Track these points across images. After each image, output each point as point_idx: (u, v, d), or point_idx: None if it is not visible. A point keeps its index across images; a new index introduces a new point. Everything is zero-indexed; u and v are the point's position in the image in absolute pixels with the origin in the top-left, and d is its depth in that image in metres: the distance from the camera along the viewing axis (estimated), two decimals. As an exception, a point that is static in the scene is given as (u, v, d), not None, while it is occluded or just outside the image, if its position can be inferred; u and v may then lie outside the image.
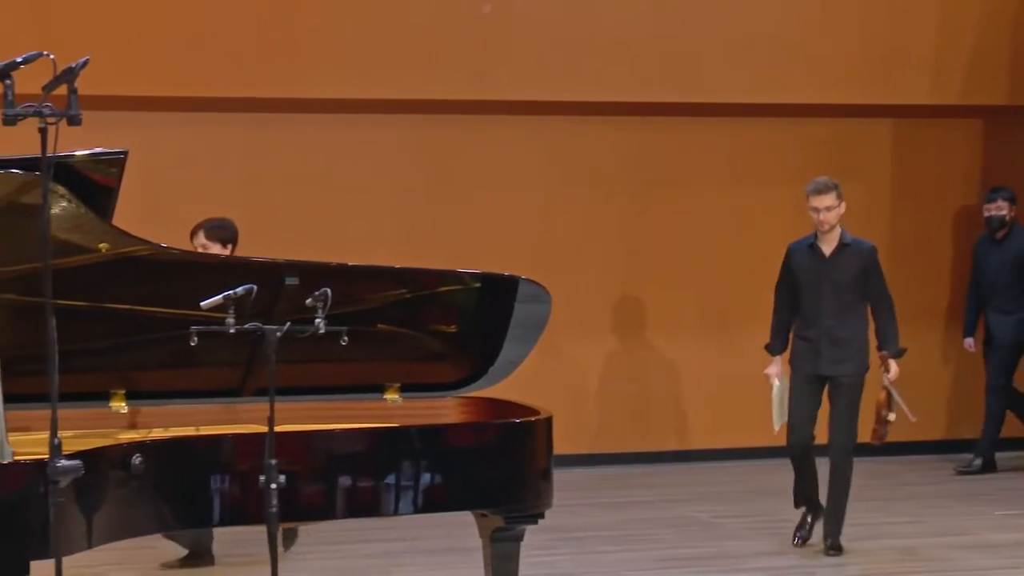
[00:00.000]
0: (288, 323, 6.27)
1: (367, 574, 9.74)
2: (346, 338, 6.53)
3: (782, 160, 13.97)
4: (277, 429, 6.20)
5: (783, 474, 10.29)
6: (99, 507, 6.24)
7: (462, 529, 7.40)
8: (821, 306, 9.91)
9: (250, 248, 7.16)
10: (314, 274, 6.78)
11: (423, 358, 7.59)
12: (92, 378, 7.05)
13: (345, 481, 6.87)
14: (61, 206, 6.41)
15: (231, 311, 6.20)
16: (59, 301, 5.29)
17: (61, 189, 6.37)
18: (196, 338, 6.33)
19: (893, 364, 9.85)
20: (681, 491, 12.77)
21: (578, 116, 13.69)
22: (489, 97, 13.23)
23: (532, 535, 7.33)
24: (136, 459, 6.42)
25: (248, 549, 8.57)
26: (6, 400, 6.03)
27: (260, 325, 6.22)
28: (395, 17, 13.00)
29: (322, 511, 6.88)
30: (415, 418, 7.38)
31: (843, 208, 9.85)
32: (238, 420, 7.17)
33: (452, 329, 7.58)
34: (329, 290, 6.36)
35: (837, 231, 9.90)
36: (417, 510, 7.00)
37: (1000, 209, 13.08)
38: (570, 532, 10.33)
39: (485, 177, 13.57)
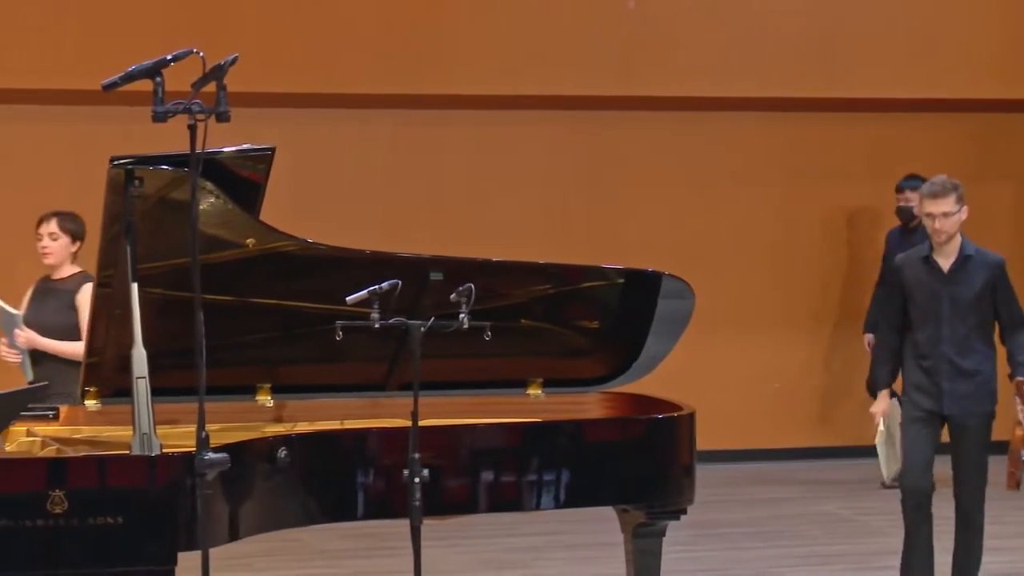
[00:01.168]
0: (432, 318, 6.29)
1: (511, 567, 9.78)
2: (489, 333, 6.54)
3: (927, 156, 13.80)
4: (421, 423, 6.21)
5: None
6: (245, 500, 6.30)
7: (604, 524, 7.38)
8: (940, 331, 8.26)
9: (395, 243, 7.18)
10: (458, 269, 6.79)
11: (566, 353, 7.57)
12: (238, 372, 7.10)
13: (488, 476, 6.89)
14: (209, 202, 6.47)
15: (376, 306, 6.22)
16: (207, 296, 5.32)
17: (209, 185, 6.43)
18: (341, 333, 6.36)
19: None
20: (825, 488, 12.69)
21: (727, 112, 13.65)
22: (636, 93, 13.23)
23: (675, 530, 7.30)
24: (282, 452, 6.47)
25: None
26: (154, 393, 6.11)
27: (405, 320, 6.23)
28: (542, 14, 13.02)
29: (465, 505, 6.90)
30: (557, 413, 7.38)
31: (965, 214, 8.18)
32: (382, 414, 7.19)
33: (595, 324, 7.56)
34: (473, 285, 6.36)
35: (957, 241, 8.25)
36: (559, 505, 6.99)
37: (910, 200, 12.23)
38: (714, 528, 10.30)
39: (632, 173, 13.56)
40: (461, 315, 6.34)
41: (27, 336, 8.64)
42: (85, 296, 8.26)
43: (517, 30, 12.97)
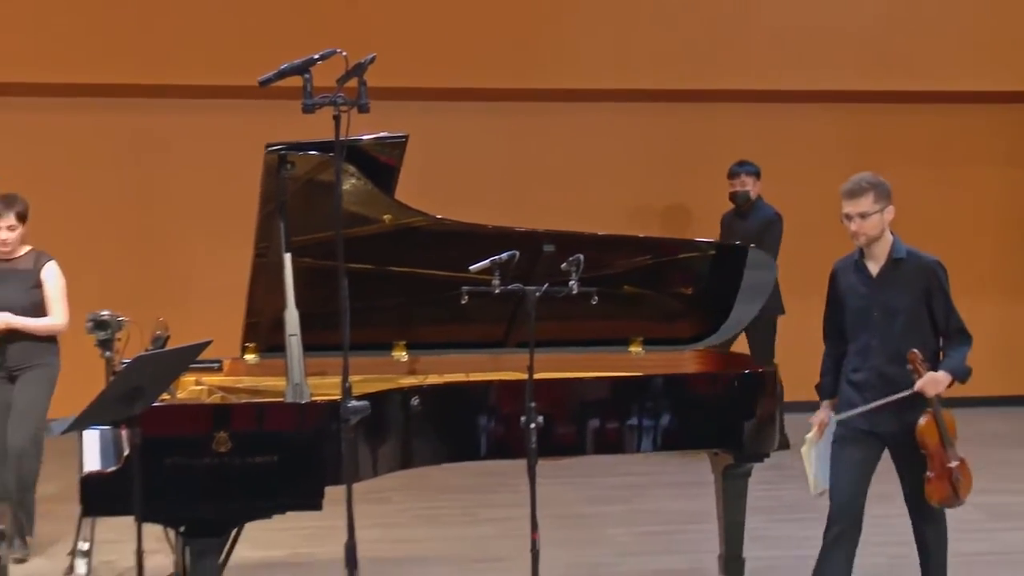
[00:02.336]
0: (545, 285, 6.32)
1: (614, 503, 9.79)
2: (596, 298, 6.55)
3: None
4: (535, 376, 6.26)
5: None
6: (383, 442, 6.38)
7: (697, 465, 7.40)
8: (871, 341, 6.76)
9: (512, 220, 7.22)
10: (569, 242, 6.80)
11: (663, 316, 7.58)
12: (377, 331, 7.18)
13: (594, 423, 6.91)
14: (351, 183, 6.55)
15: (496, 274, 6.26)
16: (350, 264, 5.38)
17: (351, 168, 6.51)
18: (466, 297, 6.40)
19: (929, 372, 6.57)
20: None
21: (822, 104, 13.61)
22: (717, 87, 13.20)
23: (760, 471, 7.33)
24: (415, 401, 6.55)
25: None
26: (304, 349, 6.19)
27: (521, 286, 6.26)
28: (645, 16, 13.03)
29: (573, 448, 6.92)
30: (656, 368, 7.38)
31: (889, 214, 6.70)
32: (502, 368, 7.24)
33: (689, 291, 7.56)
34: (582, 256, 6.39)
35: (887, 243, 6.76)
36: (657, 448, 7.01)
37: (744, 185, 11.83)
38: (794, 470, 10.24)
39: (719, 157, 13.52)
40: (571, 282, 6.36)
41: (4, 319, 8.06)
42: (48, 273, 8.21)
43: (623, 30, 12.96)
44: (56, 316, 8.12)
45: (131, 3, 12.32)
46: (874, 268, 6.77)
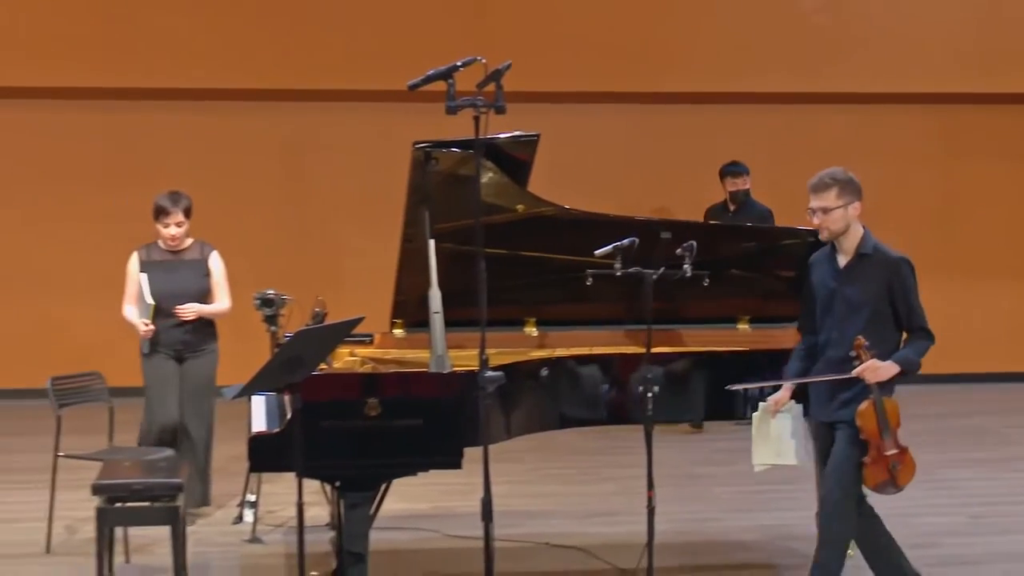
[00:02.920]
0: (662, 268, 6.31)
1: (719, 464, 9.75)
2: (707, 280, 6.53)
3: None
4: (653, 350, 6.26)
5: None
6: (515, 407, 6.39)
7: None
8: (831, 333, 6.26)
9: (631, 210, 7.22)
10: (683, 230, 6.76)
11: (768, 296, 7.52)
12: (510, 309, 7.19)
13: (703, 391, 6.89)
14: (489, 176, 6.57)
15: (618, 258, 6.26)
16: (487, 250, 5.40)
17: (488, 163, 6.54)
18: (591, 279, 6.42)
19: (872, 359, 6.02)
20: (974, 406, 12.51)
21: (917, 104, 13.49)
22: (819, 90, 13.10)
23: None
24: (544, 371, 6.56)
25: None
26: (446, 325, 6.21)
27: (640, 269, 6.26)
28: (746, 22, 12.95)
29: (687, 414, 6.92)
30: (762, 343, 7.34)
31: (855, 210, 6.21)
32: (621, 343, 7.23)
33: (790, 274, 7.48)
34: (695, 242, 6.37)
35: (855, 237, 6.25)
36: (761, 414, 6.99)
37: (745, 183, 11.39)
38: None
39: (818, 155, 13.39)
40: (685, 266, 6.35)
41: (195, 309, 7.93)
42: (214, 262, 8.11)
43: (732, 36, 12.90)
44: (223, 301, 8.12)
45: (294, 16, 12.46)
46: (843, 261, 6.30)
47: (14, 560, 7.45)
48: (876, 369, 6.03)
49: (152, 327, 7.85)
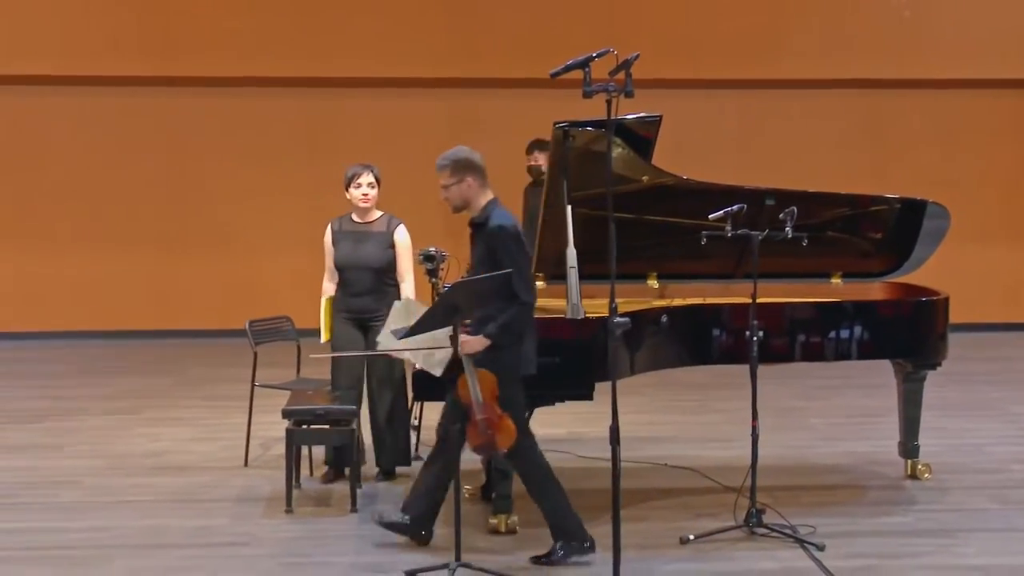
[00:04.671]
0: (766, 230, 6.23)
1: (816, 399, 9.64)
2: (806, 241, 6.43)
3: None
4: (758, 300, 6.19)
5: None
6: (639, 349, 6.38)
7: (880, 367, 7.24)
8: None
9: (740, 180, 7.11)
10: (785, 197, 6.68)
11: (858, 255, 7.39)
12: (635, 264, 7.16)
13: (802, 337, 6.81)
14: (618, 151, 6.52)
15: (728, 221, 6.19)
16: (616, 214, 5.35)
17: (618, 140, 6.50)
18: (705, 240, 6.35)
19: (466, 334, 5.76)
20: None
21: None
22: (909, 76, 12.83)
23: (932, 377, 7.18)
24: (663, 318, 6.53)
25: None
26: (581, 278, 6.20)
27: (748, 231, 6.20)
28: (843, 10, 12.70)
29: (786, 356, 6.81)
30: (852, 295, 7.23)
31: (467, 186, 5.90)
32: (731, 294, 7.14)
33: (879, 235, 7.36)
34: (795, 208, 6.27)
35: (477, 210, 5.96)
36: (850, 357, 6.89)
37: (537, 161, 9.99)
38: (959, 376, 9.95)
39: (905, 136, 13.16)
40: (786, 228, 6.25)
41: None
42: (400, 235, 7.37)
43: (837, 24, 12.69)
44: (408, 277, 7.39)
45: (465, 13, 12.58)
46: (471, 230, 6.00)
47: (219, 471, 7.60)
48: (469, 345, 5.73)
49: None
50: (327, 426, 6.83)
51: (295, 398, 7.05)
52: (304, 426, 6.83)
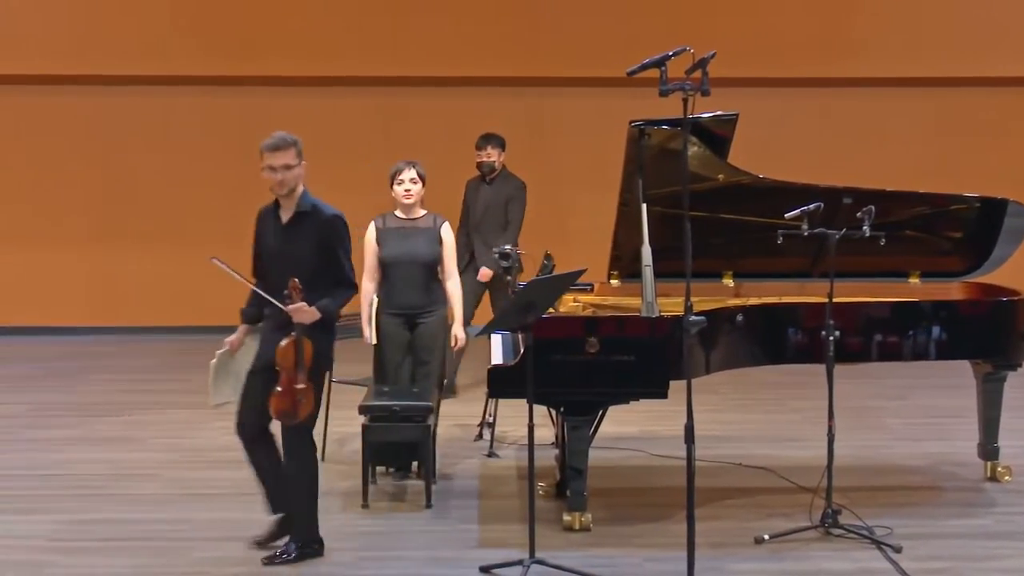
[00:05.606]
0: (844, 229, 6.17)
1: (892, 399, 9.53)
2: (883, 240, 6.36)
3: None
4: (835, 300, 6.13)
5: None
6: (714, 347, 6.33)
7: (959, 367, 7.12)
8: (278, 282, 5.74)
9: (817, 179, 7.03)
10: (863, 196, 6.60)
11: (937, 254, 7.29)
12: (710, 263, 7.11)
13: (879, 336, 6.72)
14: (693, 150, 6.49)
15: (805, 220, 6.14)
16: (691, 212, 5.32)
17: (694, 139, 6.47)
18: (781, 238, 6.29)
19: (302, 302, 5.65)
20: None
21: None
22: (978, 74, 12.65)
23: (1012, 377, 7.06)
24: (739, 317, 6.48)
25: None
26: (656, 276, 6.17)
27: (825, 230, 6.14)
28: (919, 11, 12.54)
29: (862, 355, 6.73)
30: (931, 295, 7.13)
31: (302, 170, 5.85)
32: (806, 293, 7.08)
33: (958, 235, 7.25)
34: (873, 207, 6.20)
35: (297, 195, 5.87)
36: (927, 357, 6.78)
37: (490, 156, 9.43)
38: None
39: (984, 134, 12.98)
40: (864, 227, 6.18)
41: (459, 338, 7.29)
42: (446, 232, 7.30)
43: (912, 24, 12.53)
44: (454, 274, 7.41)
45: (542, 13, 12.59)
46: (285, 217, 5.87)
47: (297, 465, 7.64)
48: (302, 310, 5.65)
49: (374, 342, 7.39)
50: (402, 422, 6.85)
51: (371, 394, 7.08)
52: (380, 422, 6.85)
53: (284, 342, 5.70)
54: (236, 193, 12.92)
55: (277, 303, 5.68)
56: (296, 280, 5.66)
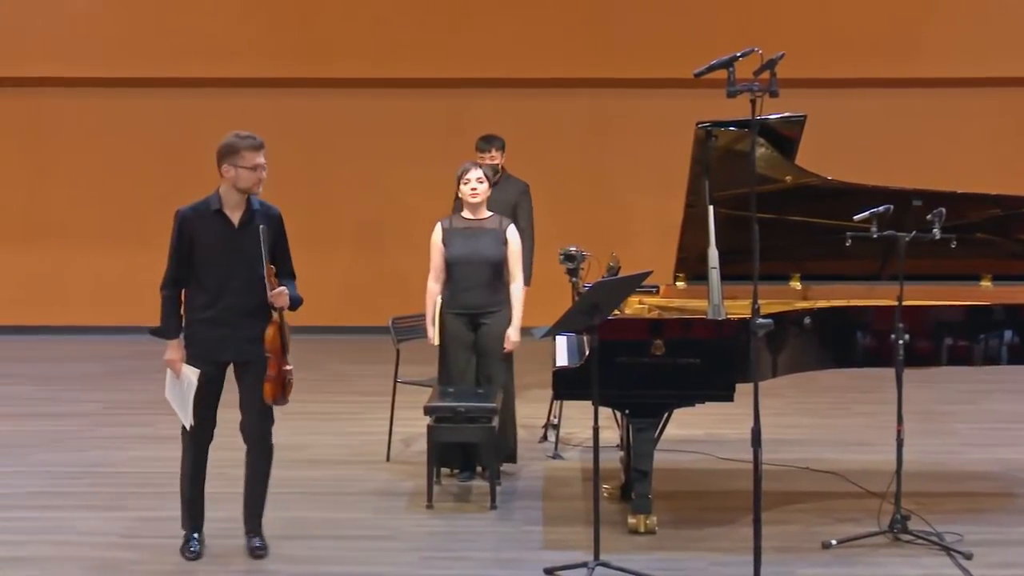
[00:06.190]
0: (913, 232, 6.10)
1: (961, 403, 9.41)
2: (954, 242, 6.28)
3: None
4: (904, 303, 6.05)
5: None
6: (781, 350, 6.29)
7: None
8: (231, 282, 5.82)
9: (885, 181, 6.95)
10: (933, 198, 6.51)
11: (1010, 256, 7.17)
12: (778, 265, 7.04)
13: (949, 340, 6.61)
14: (761, 151, 6.44)
15: (874, 222, 6.07)
16: (759, 214, 5.29)
17: (761, 140, 6.41)
18: (849, 241, 6.23)
19: (281, 287, 5.79)
20: None
21: None
22: None
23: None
24: (807, 320, 6.42)
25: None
26: (722, 279, 6.13)
27: (894, 232, 6.08)
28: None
29: (932, 359, 6.63)
30: (1003, 298, 7.01)
31: (227, 172, 5.85)
32: (875, 296, 6.98)
33: (1032, 236, 7.15)
34: (944, 209, 6.13)
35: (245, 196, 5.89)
36: (999, 362, 6.66)
37: (494, 158, 9.10)
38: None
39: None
40: (934, 229, 6.10)
41: (512, 339, 7.20)
42: (512, 234, 7.27)
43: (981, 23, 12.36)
44: (519, 277, 7.33)
45: (596, 7, 12.55)
46: (236, 216, 5.84)
47: (363, 465, 7.69)
48: (283, 294, 5.76)
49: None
50: (467, 423, 6.85)
51: (436, 395, 7.09)
52: (445, 423, 6.86)
53: (269, 329, 5.79)
54: (302, 193, 13.00)
55: (267, 289, 5.73)
56: (272, 267, 5.76)
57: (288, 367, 5.89)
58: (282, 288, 5.79)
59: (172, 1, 12.65)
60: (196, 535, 6.09)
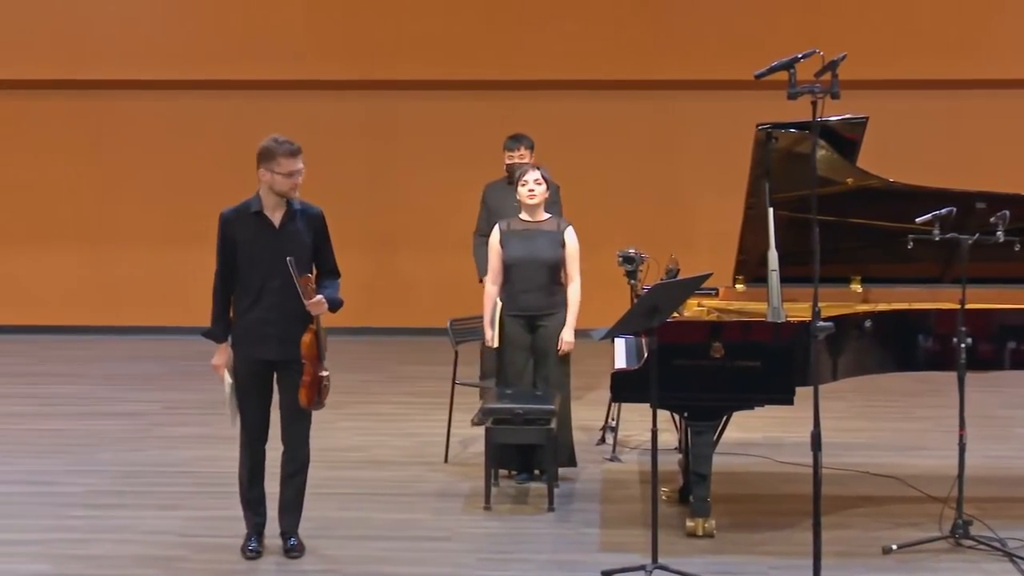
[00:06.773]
0: (976, 234, 6.04)
1: (1021, 404, 9.32)
2: (1018, 246, 6.20)
3: None
4: (967, 306, 5.99)
5: None
6: (841, 353, 6.24)
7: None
8: (271, 283, 5.88)
9: (954, 184, 6.88)
10: (996, 201, 6.44)
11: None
12: (839, 267, 6.97)
13: (1012, 344, 6.52)
14: (822, 153, 6.39)
15: (936, 224, 6.02)
16: (819, 217, 5.25)
17: (822, 142, 6.36)
18: (911, 243, 6.17)
19: (319, 296, 5.82)
20: None
21: None
22: None
23: None
24: (867, 323, 6.37)
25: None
26: (781, 280, 6.10)
27: (957, 235, 6.03)
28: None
29: (994, 364, 6.55)
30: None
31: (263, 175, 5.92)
32: (938, 299, 6.90)
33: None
34: (1008, 212, 6.06)
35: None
36: (1064, 367, 6.58)
37: (523, 157, 8.68)
38: None
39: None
40: (998, 232, 6.04)
41: (566, 342, 7.13)
42: (569, 236, 7.18)
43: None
44: (576, 278, 7.23)
45: (656, 8, 12.55)
46: (277, 218, 5.90)
47: (421, 466, 7.71)
48: (320, 303, 5.81)
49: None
50: (526, 425, 6.86)
51: (495, 396, 7.10)
52: (503, 424, 6.87)
53: (306, 336, 5.84)
54: (365, 194, 13.05)
55: (302, 298, 5.76)
56: (310, 276, 5.84)
57: (324, 372, 5.93)
58: (319, 297, 5.82)
59: (232, 5, 12.77)
60: (257, 535, 6.13)
